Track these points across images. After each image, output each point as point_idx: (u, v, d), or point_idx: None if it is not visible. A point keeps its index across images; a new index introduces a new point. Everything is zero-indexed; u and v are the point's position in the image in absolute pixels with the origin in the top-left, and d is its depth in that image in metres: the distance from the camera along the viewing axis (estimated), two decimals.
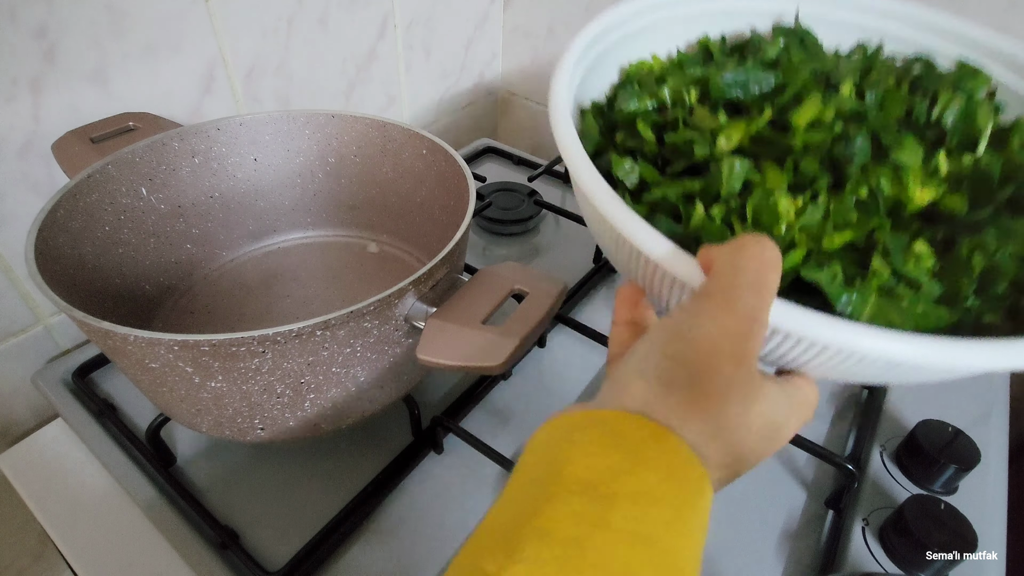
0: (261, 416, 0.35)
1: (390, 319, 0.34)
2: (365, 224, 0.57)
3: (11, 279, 0.47)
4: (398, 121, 0.50)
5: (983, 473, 0.44)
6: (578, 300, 0.58)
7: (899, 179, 0.28)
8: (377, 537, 0.40)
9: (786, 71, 0.34)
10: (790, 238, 0.26)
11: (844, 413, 0.49)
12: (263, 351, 0.31)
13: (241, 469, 0.43)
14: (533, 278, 0.36)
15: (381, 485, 0.41)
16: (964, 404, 0.49)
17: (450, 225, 0.39)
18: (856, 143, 0.29)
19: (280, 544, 0.39)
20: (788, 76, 0.33)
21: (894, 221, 0.27)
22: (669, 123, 0.33)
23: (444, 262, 0.35)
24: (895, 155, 0.29)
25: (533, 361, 0.52)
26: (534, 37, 0.79)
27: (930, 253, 0.26)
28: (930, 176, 0.28)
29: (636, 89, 0.35)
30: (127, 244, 0.45)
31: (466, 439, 0.42)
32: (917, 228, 0.28)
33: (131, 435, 0.44)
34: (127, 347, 0.31)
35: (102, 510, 0.43)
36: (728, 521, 0.41)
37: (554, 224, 0.69)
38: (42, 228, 0.36)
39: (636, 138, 0.33)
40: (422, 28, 0.69)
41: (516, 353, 0.32)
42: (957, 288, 0.25)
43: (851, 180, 0.28)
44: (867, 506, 0.42)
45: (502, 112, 0.90)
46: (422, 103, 0.76)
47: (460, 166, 0.44)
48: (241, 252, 0.55)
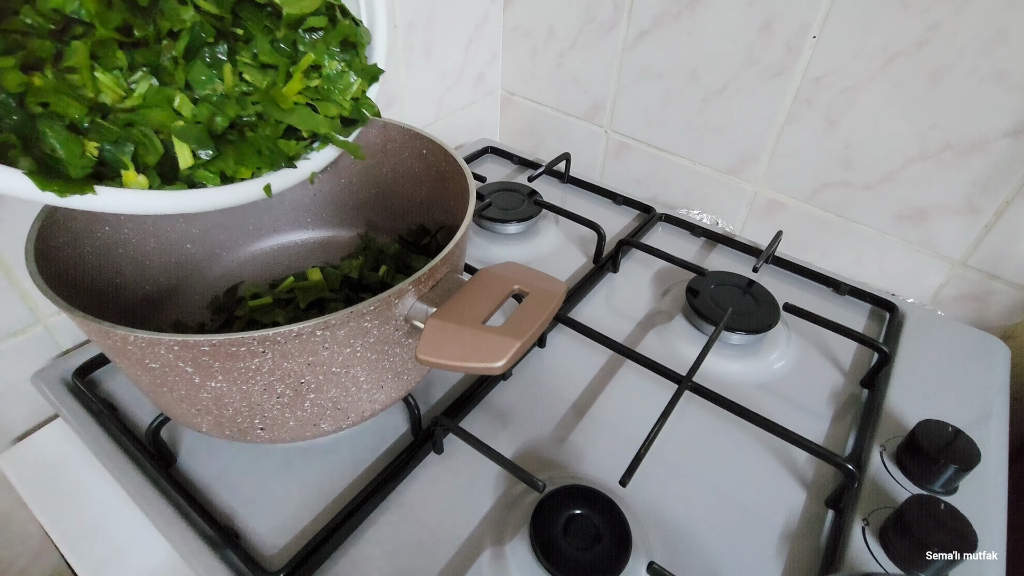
0: (261, 416, 0.35)
1: (390, 319, 0.34)
2: (365, 224, 0.57)
3: (11, 279, 0.47)
4: (398, 121, 0.50)
5: (983, 473, 0.44)
6: (578, 300, 0.58)
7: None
8: (377, 537, 0.40)
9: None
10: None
11: (844, 413, 0.49)
12: (263, 351, 0.31)
13: (241, 469, 0.43)
14: (533, 278, 0.36)
15: (381, 485, 0.41)
16: (964, 404, 0.49)
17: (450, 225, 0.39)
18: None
19: (280, 544, 0.39)
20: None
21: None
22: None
23: (444, 262, 0.35)
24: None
25: (533, 361, 0.52)
26: (534, 37, 0.79)
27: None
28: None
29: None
30: (127, 244, 0.45)
31: (466, 439, 0.42)
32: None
33: (131, 435, 0.44)
34: (127, 347, 0.31)
35: (102, 510, 0.43)
36: (728, 521, 0.41)
37: (554, 224, 0.69)
38: (42, 228, 0.36)
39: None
40: (422, 28, 0.69)
41: (517, 354, 0.31)
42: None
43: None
44: (867, 506, 0.42)
45: (502, 112, 0.90)
46: (422, 103, 0.76)
47: (460, 166, 0.44)
48: (241, 252, 0.55)
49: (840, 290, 0.61)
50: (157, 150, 0.33)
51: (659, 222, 0.71)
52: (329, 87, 0.40)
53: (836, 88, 0.59)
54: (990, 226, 0.57)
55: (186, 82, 0.35)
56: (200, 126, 0.34)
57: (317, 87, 0.40)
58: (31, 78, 0.30)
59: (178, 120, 0.34)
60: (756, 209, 0.71)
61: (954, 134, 0.55)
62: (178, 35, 0.34)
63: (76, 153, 0.30)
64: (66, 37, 0.31)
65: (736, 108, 0.66)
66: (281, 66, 0.37)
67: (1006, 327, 0.61)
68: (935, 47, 0.52)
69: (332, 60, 0.40)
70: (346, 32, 0.40)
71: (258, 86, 0.37)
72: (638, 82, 0.72)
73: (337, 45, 0.40)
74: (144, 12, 0.33)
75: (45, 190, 0.28)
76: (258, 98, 0.37)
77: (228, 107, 0.36)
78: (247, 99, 0.37)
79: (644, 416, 0.48)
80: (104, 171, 0.32)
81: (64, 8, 0.31)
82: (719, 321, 0.51)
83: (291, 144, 0.39)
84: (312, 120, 0.39)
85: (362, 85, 0.42)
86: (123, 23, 0.32)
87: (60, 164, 0.30)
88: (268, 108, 0.37)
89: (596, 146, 0.82)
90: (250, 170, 0.37)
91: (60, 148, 0.30)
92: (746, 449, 0.46)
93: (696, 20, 0.64)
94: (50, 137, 0.29)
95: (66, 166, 0.30)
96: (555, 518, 0.38)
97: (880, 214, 0.62)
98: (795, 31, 0.58)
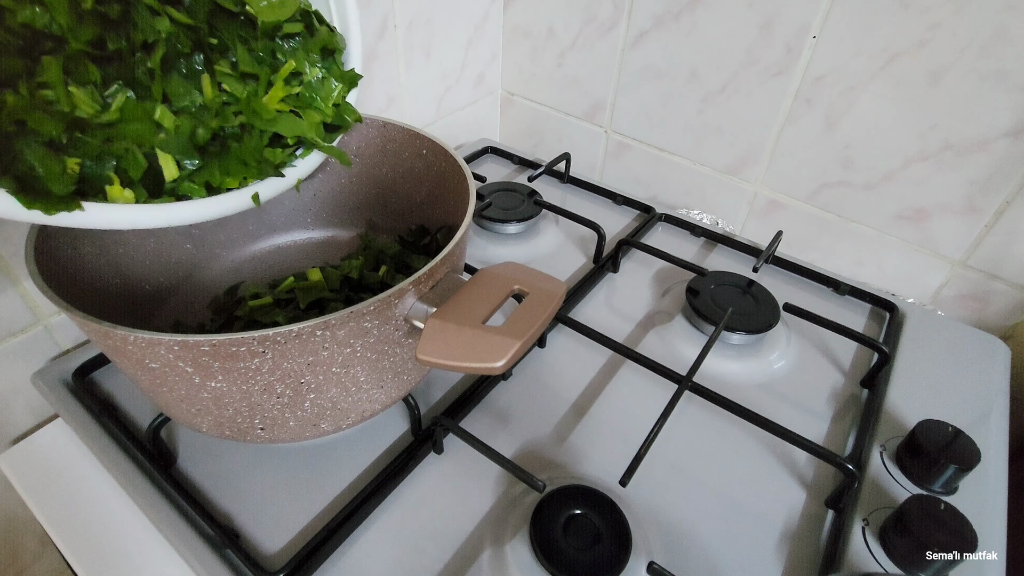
0: (261, 416, 0.35)
1: (390, 319, 0.34)
2: (365, 224, 0.57)
3: (11, 279, 0.47)
4: (398, 121, 0.50)
5: (983, 473, 0.44)
6: (578, 300, 0.58)
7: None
8: (377, 537, 0.40)
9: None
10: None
11: (844, 413, 0.49)
12: (263, 351, 0.31)
13: (241, 469, 0.43)
14: (533, 278, 0.36)
15: (381, 485, 0.41)
16: (964, 404, 0.49)
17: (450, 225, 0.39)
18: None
19: (280, 544, 0.39)
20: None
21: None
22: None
23: (444, 262, 0.35)
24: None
25: (533, 361, 0.52)
26: (534, 37, 0.79)
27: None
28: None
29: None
30: (127, 244, 0.45)
31: (466, 439, 0.42)
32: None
33: (131, 435, 0.44)
34: (127, 347, 0.31)
35: (102, 510, 0.43)
36: (728, 521, 0.41)
37: (554, 224, 0.69)
38: (42, 228, 0.36)
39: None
40: (422, 28, 0.69)
41: (517, 354, 0.31)
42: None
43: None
44: (867, 506, 0.42)
45: (502, 112, 0.90)
46: (422, 103, 0.76)
47: (460, 166, 0.44)
48: (241, 252, 0.55)
49: (840, 290, 0.61)
50: (140, 164, 0.33)
51: (659, 222, 0.71)
52: (311, 94, 0.40)
53: (836, 88, 0.59)
54: (990, 226, 0.57)
55: (164, 95, 0.34)
56: (183, 137, 0.34)
57: (299, 94, 0.40)
58: (3, 96, 0.29)
59: (159, 133, 0.34)
60: (756, 209, 0.71)
61: (954, 134, 0.55)
62: (153, 47, 0.34)
63: (56, 171, 0.30)
64: (35, 53, 0.31)
65: (736, 108, 0.66)
66: (262, 75, 0.37)
67: (1006, 327, 0.61)
68: (935, 47, 0.52)
69: (313, 67, 0.40)
70: (325, 39, 0.40)
71: (238, 96, 0.37)
72: (638, 82, 0.72)
73: (317, 52, 0.40)
74: (116, 25, 0.33)
75: (31, 208, 0.28)
76: (240, 108, 0.37)
77: (209, 119, 0.35)
78: (228, 110, 0.36)
79: (644, 416, 0.48)
80: (88, 188, 0.32)
81: (35, 23, 0.30)
82: (719, 321, 0.51)
83: (277, 152, 0.39)
84: (297, 126, 0.39)
85: (343, 91, 0.42)
86: (95, 37, 0.32)
87: (40, 182, 0.29)
88: (251, 118, 0.37)
89: (596, 146, 0.82)
90: (236, 180, 0.37)
91: (38, 166, 0.29)
92: (746, 449, 0.46)
93: (696, 20, 0.64)
94: (28, 155, 0.29)
95: (47, 183, 0.30)
96: (555, 518, 0.38)
97: (880, 214, 0.62)
98: (795, 31, 0.58)
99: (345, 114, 0.42)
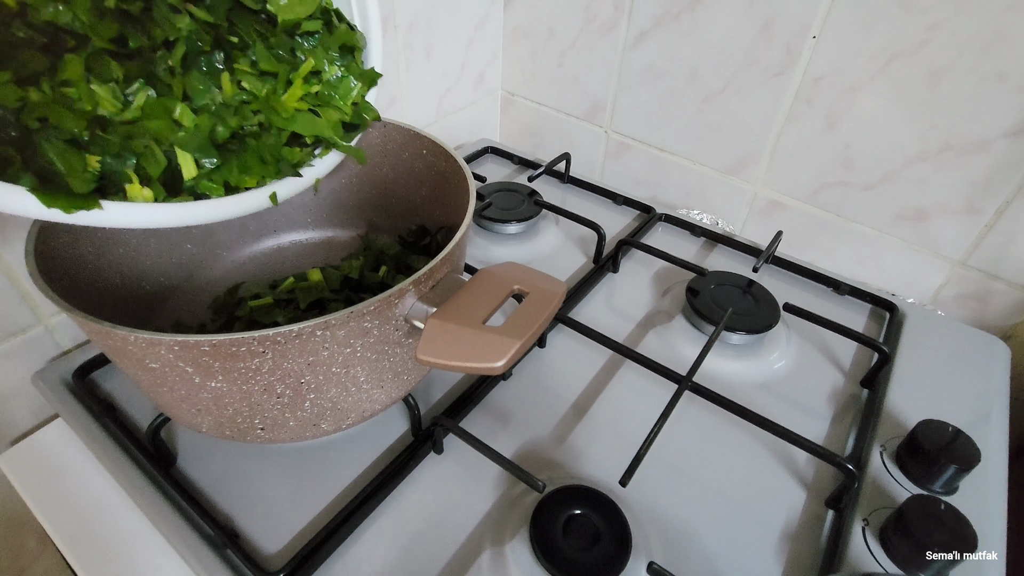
0: (261, 416, 0.35)
1: (390, 319, 0.34)
2: (365, 224, 0.57)
3: (11, 279, 0.47)
4: (398, 121, 0.50)
5: (983, 473, 0.44)
6: (578, 300, 0.58)
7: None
8: (377, 537, 0.40)
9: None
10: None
11: (844, 413, 0.49)
12: (263, 351, 0.31)
13: (241, 469, 0.43)
14: (533, 278, 0.36)
15: (381, 485, 0.41)
16: (964, 404, 0.49)
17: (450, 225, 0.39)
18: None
19: (280, 544, 0.39)
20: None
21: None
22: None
23: (444, 262, 0.35)
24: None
25: (533, 361, 0.52)
26: (534, 37, 0.79)
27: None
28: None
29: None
30: (127, 244, 0.45)
31: (466, 439, 0.42)
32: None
33: (131, 435, 0.44)
34: (127, 347, 0.31)
35: (102, 510, 0.43)
36: (728, 521, 0.41)
37: (554, 224, 0.69)
38: (42, 228, 0.36)
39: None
40: (422, 28, 0.69)
41: (517, 354, 0.31)
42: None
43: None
44: (867, 506, 0.42)
45: (502, 112, 0.90)
46: (422, 103, 0.76)
47: (460, 166, 0.44)
48: (241, 252, 0.55)
49: (840, 290, 0.61)
50: (160, 161, 0.33)
51: (659, 222, 0.71)
52: (330, 92, 0.40)
53: (836, 88, 0.59)
54: (990, 226, 0.57)
55: (184, 92, 0.35)
56: (202, 135, 0.34)
57: (318, 93, 0.40)
58: (27, 92, 0.29)
59: (179, 131, 0.34)
60: (756, 209, 0.71)
61: (954, 134, 0.55)
62: (173, 45, 0.34)
63: (78, 167, 0.30)
64: (58, 50, 0.31)
65: (736, 108, 0.66)
66: (281, 73, 0.37)
67: (1006, 327, 0.61)
68: (935, 48, 0.52)
69: (332, 65, 0.40)
70: (344, 37, 0.40)
71: (257, 94, 0.37)
72: (638, 82, 0.72)
73: (336, 50, 0.40)
74: (137, 22, 0.33)
75: (51, 207, 0.28)
76: (259, 106, 0.37)
77: (228, 117, 0.35)
78: (247, 108, 0.36)
79: (644, 416, 0.48)
80: (108, 186, 0.32)
81: (58, 20, 0.30)
82: (719, 321, 0.51)
83: (295, 151, 0.39)
84: (316, 125, 0.39)
85: (362, 89, 0.42)
86: (117, 34, 0.32)
87: (61, 179, 0.30)
88: (270, 116, 0.37)
89: (596, 146, 0.82)
90: (255, 179, 0.37)
91: (59, 162, 0.29)
92: (746, 449, 0.46)
93: (696, 20, 0.64)
94: (49, 152, 0.29)
95: (68, 180, 0.30)
96: (555, 518, 0.38)
97: (880, 214, 0.62)
98: (795, 31, 0.58)
99: (364, 112, 0.42)
